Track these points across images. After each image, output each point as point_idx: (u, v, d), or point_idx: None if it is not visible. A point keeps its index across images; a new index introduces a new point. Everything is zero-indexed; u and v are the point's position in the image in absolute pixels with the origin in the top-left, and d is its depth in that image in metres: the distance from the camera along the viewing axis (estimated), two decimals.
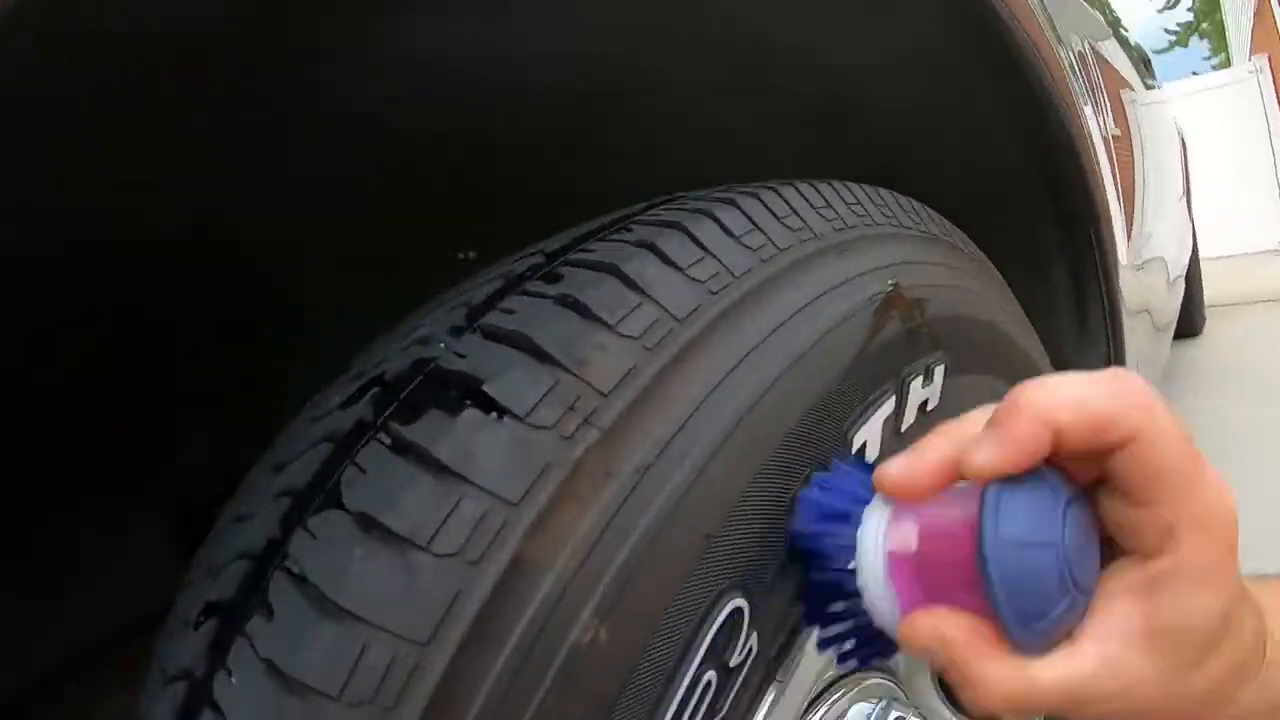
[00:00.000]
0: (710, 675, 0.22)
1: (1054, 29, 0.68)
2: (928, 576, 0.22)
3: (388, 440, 0.21)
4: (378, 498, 0.19)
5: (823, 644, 0.25)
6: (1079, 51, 1.25)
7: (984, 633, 0.21)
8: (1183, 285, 1.84)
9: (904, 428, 0.31)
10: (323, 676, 0.17)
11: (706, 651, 0.22)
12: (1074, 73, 0.72)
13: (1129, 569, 0.22)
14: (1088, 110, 0.74)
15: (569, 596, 0.19)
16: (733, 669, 0.23)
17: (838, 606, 0.24)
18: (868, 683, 0.46)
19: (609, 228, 0.28)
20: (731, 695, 0.24)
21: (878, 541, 0.22)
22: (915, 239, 0.35)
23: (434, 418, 0.20)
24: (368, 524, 0.19)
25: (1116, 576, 0.22)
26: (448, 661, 0.18)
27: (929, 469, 0.22)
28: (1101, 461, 0.21)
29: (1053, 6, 0.99)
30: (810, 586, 0.25)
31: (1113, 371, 0.22)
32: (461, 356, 0.22)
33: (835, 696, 0.42)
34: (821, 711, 0.41)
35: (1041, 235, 0.69)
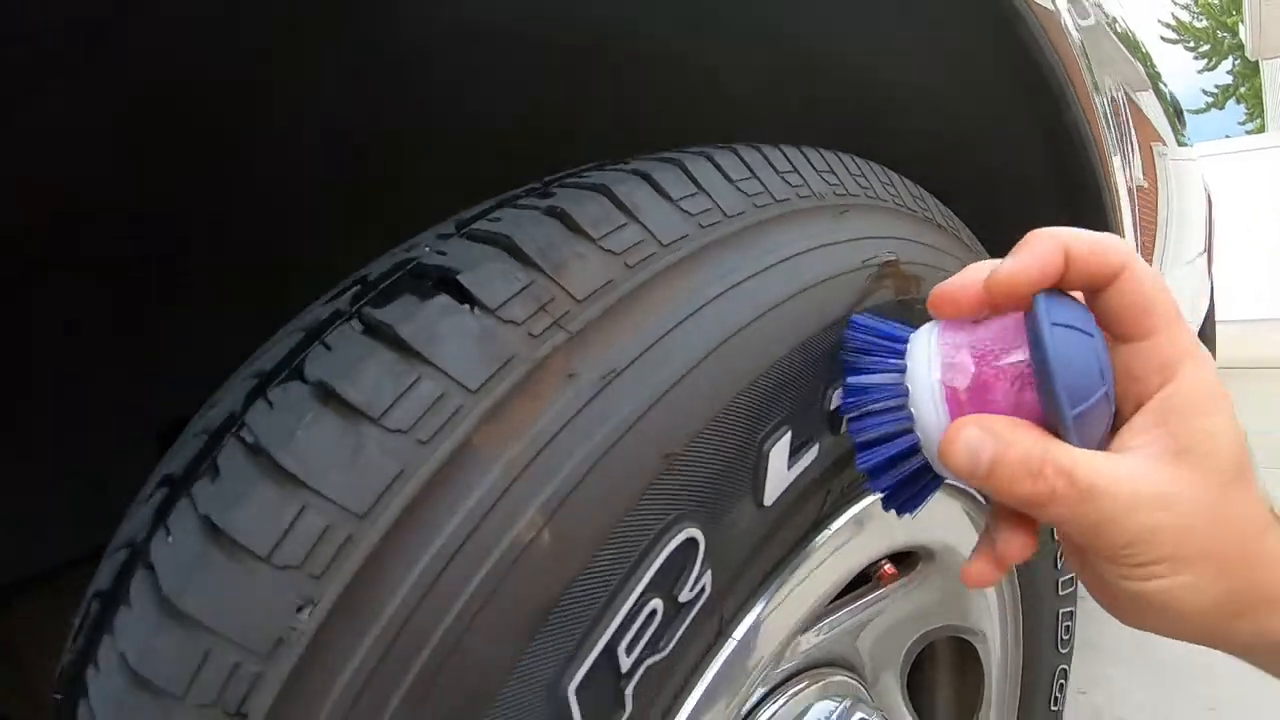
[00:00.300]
0: (656, 604, 0.22)
1: (1094, 78, 0.69)
2: (977, 387, 0.22)
3: (358, 324, 0.21)
4: (337, 369, 0.19)
5: (868, 474, 0.25)
6: (1113, 99, 1.26)
7: (1032, 427, 0.22)
8: None
9: None
10: (255, 536, 0.17)
11: (654, 577, 0.21)
12: (1108, 124, 0.73)
13: (1140, 415, 0.23)
14: (1116, 161, 0.75)
15: (515, 490, 0.19)
16: (682, 604, 0.23)
17: (885, 428, 0.24)
18: (833, 679, 0.45)
19: (611, 163, 0.28)
20: (678, 634, 0.23)
21: (930, 360, 0.23)
22: (918, 221, 0.35)
23: (405, 301, 0.20)
24: (325, 393, 0.19)
25: (1130, 423, 0.23)
26: (380, 537, 0.17)
27: (972, 283, 0.23)
28: (1097, 298, 0.23)
29: (1094, 53, 1.00)
30: (853, 399, 0.25)
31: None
32: (442, 254, 0.22)
33: (797, 688, 0.42)
34: (781, 702, 0.40)
35: None
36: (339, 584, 0.17)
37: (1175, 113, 1.87)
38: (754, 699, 0.39)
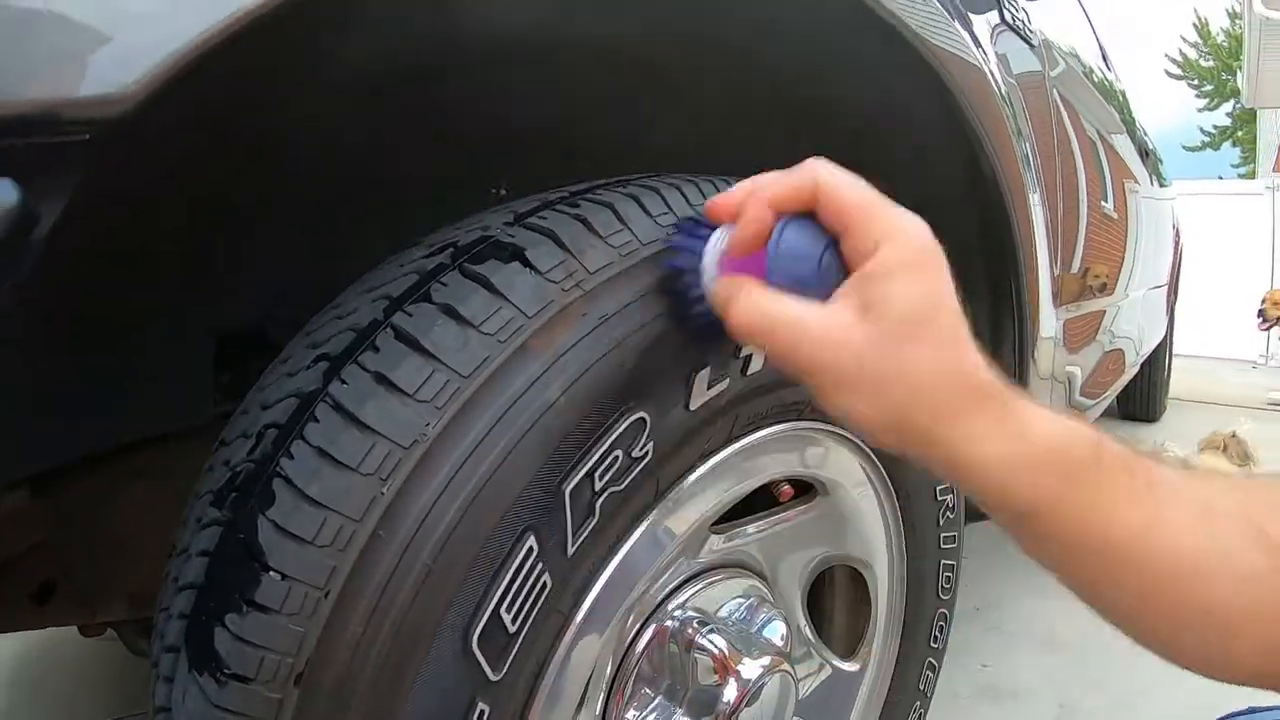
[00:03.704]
0: (619, 453, 0.40)
1: (1016, 125, 0.86)
2: (737, 266, 0.36)
3: (461, 273, 0.38)
4: (455, 296, 0.37)
5: (690, 331, 0.40)
6: (1091, 139, 1.47)
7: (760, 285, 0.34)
8: (1135, 369, 2.06)
9: None
10: (411, 378, 0.35)
11: (619, 435, 0.39)
12: (1027, 164, 0.90)
13: (845, 284, 0.33)
14: (1034, 197, 0.92)
15: (548, 375, 0.36)
16: (635, 458, 0.41)
17: (696, 302, 0.38)
18: (743, 580, 0.63)
19: (613, 183, 0.45)
20: (630, 477, 0.41)
21: (713, 249, 0.37)
22: None
23: (492, 263, 0.38)
24: (447, 310, 0.36)
25: (837, 291, 0.33)
26: (473, 391, 0.35)
27: (735, 195, 0.36)
28: (818, 216, 0.34)
29: (1071, 98, 1.20)
30: (676, 288, 0.40)
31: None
32: (512, 236, 0.40)
33: (714, 579, 0.60)
34: (699, 587, 0.58)
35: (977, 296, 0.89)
36: (453, 409, 0.34)
37: (1146, 153, 2.08)
38: (679, 580, 0.57)
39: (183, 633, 0.39)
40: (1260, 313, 3.45)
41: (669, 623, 0.56)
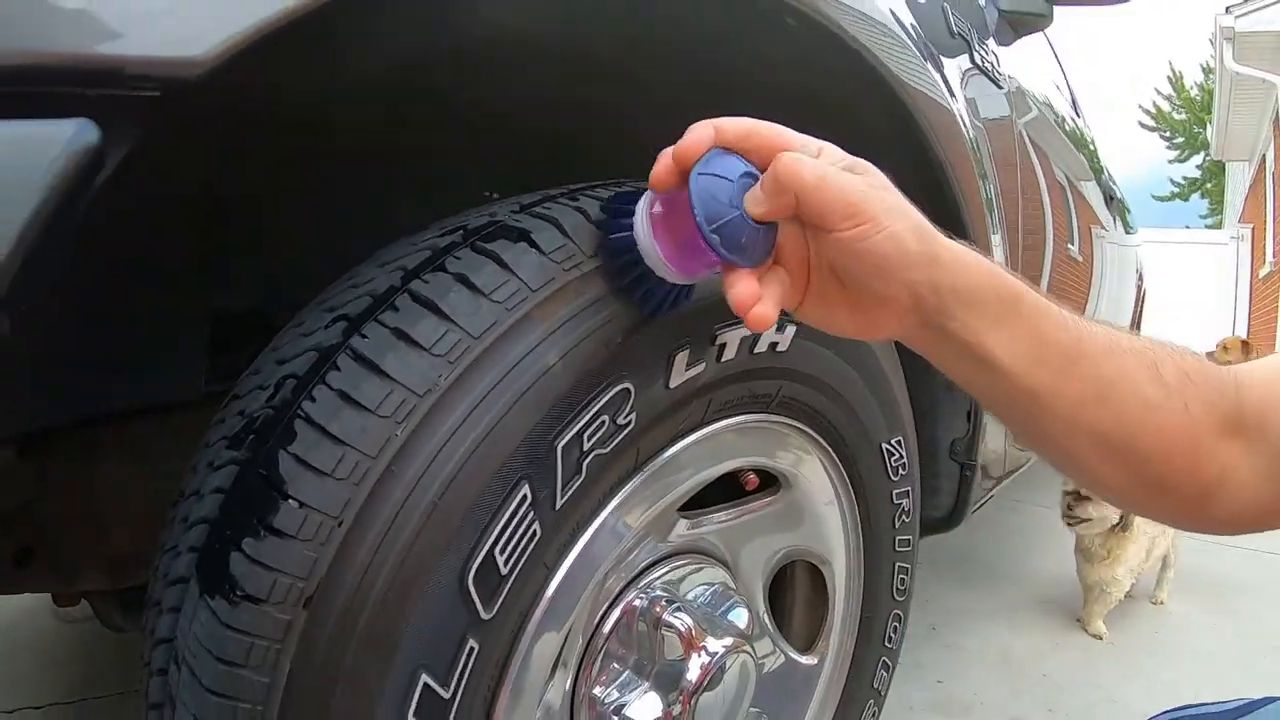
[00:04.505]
0: (605, 419, 0.45)
1: (982, 168, 0.94)
2: (670, 230, 0.40)
3: (473, 250, 0.44)
4: (469, 268, 0.42)
5: (637, 302, 0.44)
6: (1059, 184, 1.57)
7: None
8: None
9: (756, 349, 0.55)
10: (429, 334, 0.40)
11: (606, 402, 0.45)
12: (990, 207, 0.98)
13: None
14: (996, 238, 1.00)
15: (546, 342, 0.42)
16: (619, 425, 0.46)
17: (634, 272, 0.42)
18: (708, 567, 0.68)
19: (610, 182, 0.51)
20: (614, 442, 0.47)
21: (643, 214, 0.41)
22: None
23: (502, 242, 0.43)
24: (461, 279, 0.42)
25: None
26: (481, 350, 0.40)
27: (664, 162, 0.38)
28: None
29: (1043, 145, 1.29)
30: (618, 265, 0.43)
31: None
32: (518, 221, 0.45)
33: (680, 564, 0.65)
34: (665, 570, 0.63)
35: None
36: (463, 364, 0.40)
37: (1110, 199, 2.21)
38: (647, 560, 0.62)
39: (193, 563, 0.43)
40: None
41: (638, 601, 0.61)
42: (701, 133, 0.38)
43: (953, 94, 0.90)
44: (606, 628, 0.59)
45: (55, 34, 0.31)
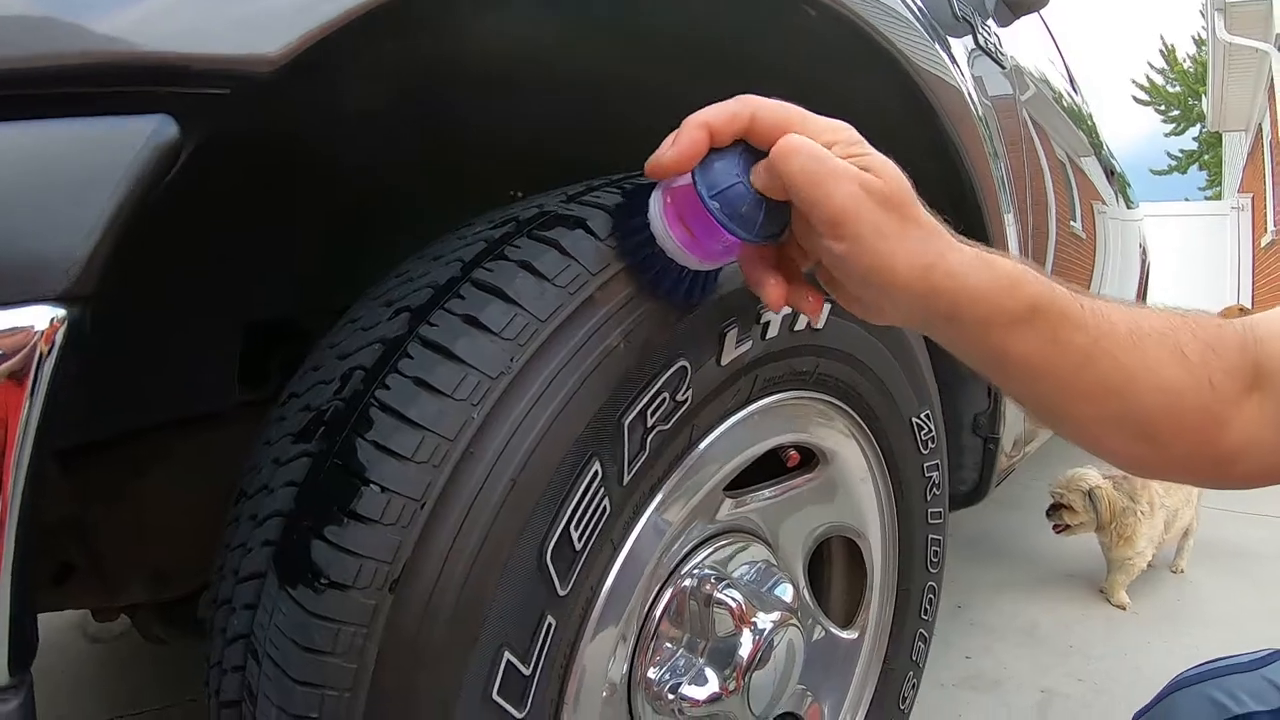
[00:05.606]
0: (665, 396, 0.47)
1: (992, 146, 0.96)
2: (680, 212, 0.41)
3: (531, 239, 0.45)
4: (531, 254, 0.44)
5: (664, 295, 0.45)
6: (1060, 160, 1.59)
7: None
8: None
9: (796, 327, 0.57)
10: (497, 319, 0.42)
11: (665, 380, 0.47)
12: (1003, 185, 1.00)
13: None
14: (1009, 217, 1.02)
15: (608, 324, 0.44)
16: (678, 401, 0.49)
17: (655, 264, 0.44)
18: (752, 545, 0.70)
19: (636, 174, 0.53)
20: (672, 420, 0.49)
21: (655, 205, 0.42)
22: None
23: (559, 230, 0.45)
24: (525, 266, 0.43)
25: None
26: (549, 333, 0.42)
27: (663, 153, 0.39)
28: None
29: (1043, 122, 1.31)
30: (640, 258, 0.44)
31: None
32: (570, 210, 0.47)
33: (724, 543, 0.67)
34: (711, 550, 0.65)
35: None
36: (533, 347, 0.42)
37: (1110, 174, 2.24)
38: (694, 541, 0.63)
39: (270, 557, 0.45)
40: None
41: (688, 580, 0.62)
42: (738, 108, 0.38)
43: (961, 74, 0.92)
44: (659, 607, 0.60)
45: (132, 33, 0.31)
